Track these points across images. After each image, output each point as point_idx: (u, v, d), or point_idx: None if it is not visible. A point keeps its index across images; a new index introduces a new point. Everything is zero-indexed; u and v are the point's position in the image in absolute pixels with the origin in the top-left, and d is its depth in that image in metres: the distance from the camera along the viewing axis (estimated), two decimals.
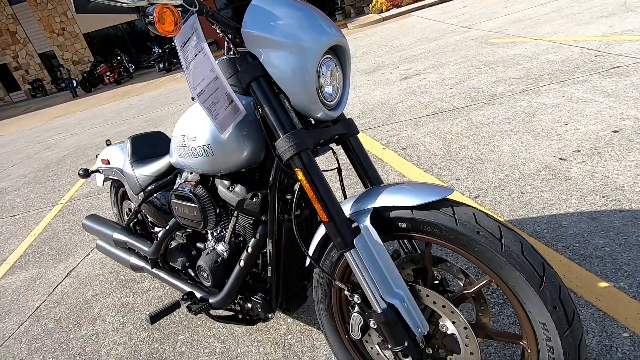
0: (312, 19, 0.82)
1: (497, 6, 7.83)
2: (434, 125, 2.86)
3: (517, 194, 1.80)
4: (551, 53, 3.74)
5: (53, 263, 2.52)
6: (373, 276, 0.80)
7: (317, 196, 0.82)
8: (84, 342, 1.69)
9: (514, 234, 0.73)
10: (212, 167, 1.03)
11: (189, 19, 0.77)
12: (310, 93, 0.83)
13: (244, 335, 1.46)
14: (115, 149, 1.76)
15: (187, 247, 1.41)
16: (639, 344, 1.03)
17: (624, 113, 2.23)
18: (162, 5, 0.70)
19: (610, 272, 1.26)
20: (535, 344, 0.73)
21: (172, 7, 0.71)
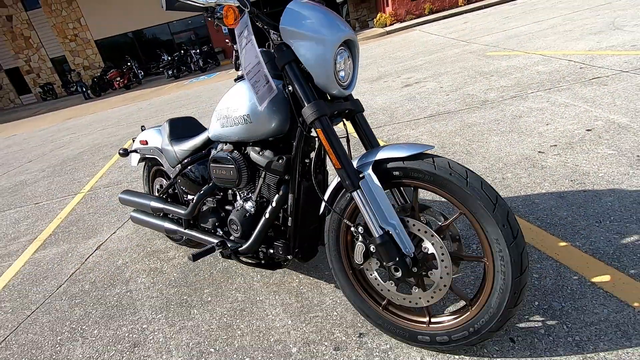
0: (331, 19, 1.11)
1: (496, 23, 8.22)
2: (430, 126, 3.15)
3: (500, 179, 2.07)
4: (541, 65, 4.05)
5: (82, 239, 2.78)
6: (374, 209, 1.07)
7: (332, 149, 1.09)
8: (120, 297, 1.94)
9: (476, 175, 1.00)
10: (249, 134, 1.31)
11: (244, 16, 1.05)
12: (328, 74, 1.11)
13: (262, 287, 1.71)
14: (152, 131, 2.04)
15: (217, 210, 1.68)
16: (584, 282, 1.29)
17: (598, 115, 2.51)
18: (228, 6, 0.99)
19: (569, 235, 1.52)
20: (491, 257, 0.99)
21: (234, 7, 1.00)
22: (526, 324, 1.19)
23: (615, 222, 1.53)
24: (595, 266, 1.34)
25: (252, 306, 1.61)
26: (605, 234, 1.48)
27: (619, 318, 1.14)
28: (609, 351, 1.05)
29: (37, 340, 1.76)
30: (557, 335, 1.13)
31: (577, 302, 1.22)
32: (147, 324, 1.68)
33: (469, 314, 1.07)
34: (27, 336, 1.80)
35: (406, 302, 1.14)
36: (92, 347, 1.62)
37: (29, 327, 1.87)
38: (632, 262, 1.32)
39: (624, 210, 1.58)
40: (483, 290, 1.04)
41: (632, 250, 1.37)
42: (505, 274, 0.97)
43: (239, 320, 1.54)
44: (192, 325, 1.59)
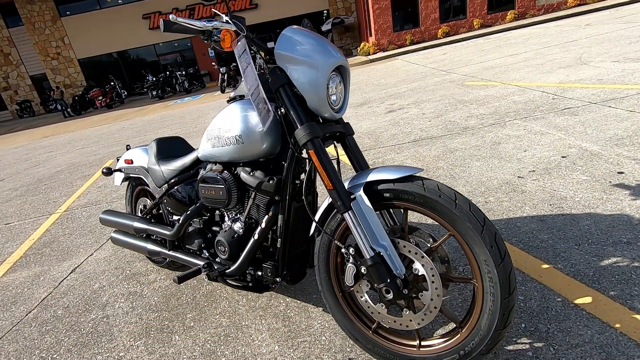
0: (325, 46, 1.16)
1: (473, 55, 8.68)
2: (414, 150, 3.23)
3: (482, 203, 2.13)
4: (517, 95, 4.27)
5: (56, 262, 2.65)
6: (365, 230, 1.08)
7: (325, 170, 1.11)
8: (95, 323, 1.84)
9: (464, 197, 1.03)
10: (240, 154, 1.31)
11: (241, 40, 1.08)
12: (321, 97, 1.14)
13: (248, 312, 1.66)
14: (138, 150, 2.01)
15: (203, 231, 1.64)
16: (567, 304, 1.32)
17: (571, 143, 2.65)
18: (226, 30, 1.02)
19: (551, 257, 1.57)
20: (480, 278, 1.01)
21: (231, 31, 1.03)
22: (514, 347, 1.20)
23: (593, 245, 1.59)
24: (577, 288, 1.38)
25: (237, 331, 1.56)
26: (584, 256, 1.53)
27: (603, 339, 1.16)
28: None
29: None
30: (545, 358, 1.14)
31: (562, 324, 1.24)
32: (124, 351, 1.59)
33: (459, 336, 1.07)
34: None
35: (397, 325, 1.14)
36: None
37: None
38: (611, 284, 1.36)
39: (600, 234, 1.65)
40: (473, 312, 1.05)
41: (610, 272, 1.42)
42: (494, 295, 0.99)
43: (223, 347, 1.49)
44: (173, 353, 1.52)
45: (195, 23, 1.02)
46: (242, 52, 1.08)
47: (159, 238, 1.88)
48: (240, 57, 1.07)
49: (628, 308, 1.25)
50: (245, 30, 1.10)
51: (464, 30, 14.08)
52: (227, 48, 1.03)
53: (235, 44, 1.04)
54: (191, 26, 1.01)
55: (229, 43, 1.03)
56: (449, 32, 14.00)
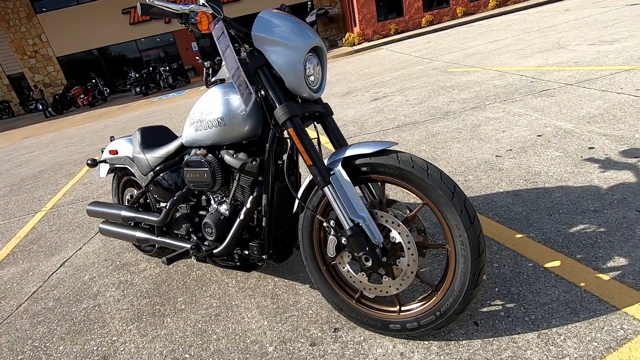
0: (301, 27, 1.19)
1: (456, 43, 8.77)
2: (398, 135, 3.30)
3: (462, 181, 2.20)
4: (497, 80, 4.37)
5: (44, 257, 2.65)
6: (344, 203, 1.13)
7: (304, 147, 1.15)
8: (87, 312, 1.87)
9: (436, 167, 1.09)
10: (223, 137, 1.35)
11: (218, 22, 1.11)
12: (299, 77, 1.18)
13: (237, 292, 1.71)
14: (122, 141, 2.02)
15: (190, 216, 1.68)
16: (538, 268, 1.40)
17: (547, 123, 2.75)
18: (202, 12, 1.05)
19: (524, 228, 1.65)
20: (452, 242, 1.08)
21: (207, 13, 1.06)
22: (488, 309, 1.28)
23: (564, 214, 1.68)
24: (547, 254, 1.46)
25: (228, 311, 1.61)
26: (555, 225, 1.62)
27: (568, 297, 1.25)
28: (561, 326, 1.15)
29: None
30: (516, 316, 1.22)
31: (532, 286, 1.33)
32: (117, 336, 1.63)
33: (435, 298, 1.14)
34: None
35: (377, 292, 1.20)
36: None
37: None
38: (578, 248, 1.45)
39: (570, 204, 1.74)
40: (446, 275, 1.12)
41: (578, 238, 1.51)
42: (465, 257, 1.06)
43: (214, 325, 1.54)
44: (165, 334, 1.56)
45: (172, 6, 1.05)
46: (220, 35, 1.11)
47: (147, 225, 1.90)
48: (219, 39, 1.10)
49: (592, 269, 1.34)
50: (222, 12, 1.13)
51: (447, 18, 14.18)
52: (205, 30, 1.06)
53: (213, 26, 1.07)
54: (168, 9, 1.04)
55: (206, 25, 1.06)
56: (432, 20, 14.08)
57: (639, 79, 3.16)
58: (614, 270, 1.31)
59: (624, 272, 1.29)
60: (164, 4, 1.04)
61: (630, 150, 2.08)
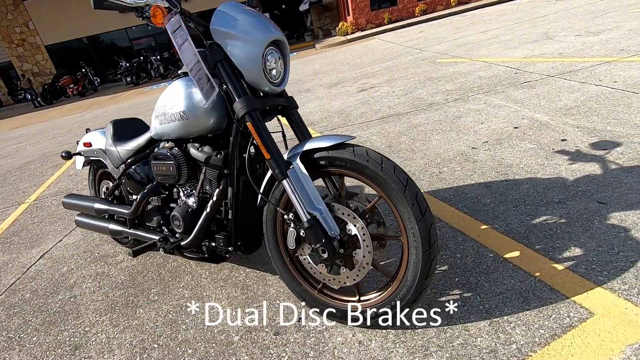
0: (260, 21, 1.19)
1: (448, 33, 8.72)
2: (380, 127, 3.31)
3: (437, 173, 2.23)
4: (482, 71, 4.37)
5: (25, 249, 2.65)
6: (301, 196, 1.15)
7: (262, 141, 1.17)
8: (63, 303, 1.89)
9: (390, 161, 1.11)
10: (187, 130, 1.35)
11: (174, 15, 1.11)
12: (257, 71, 1.19)
13: (209, 283, 1.74)
14: (96, 133, 2.02)
15: (161, 209, 1.69)
16: (497, 259, 1.44)
17: (525, 115, 2.77)
18: (155, 6, 1.05)
19: (490, 219, 1.69)
20: (405, 234, 1.10)
21: (162, 7, 1.06)
22: (446, 297, 1.32)
23: (529, 206, 1.71)
24: (508, 244, 1.50)
25: (198, 301, 1.63)
26: (519, 216, 1.66)
27: (522, 286, 1.29)
28: (512, 314, 1.19)
29: None
30: (471, 305, 1.26)
31: (490, 276, 1.37)
32: (89, 326, 1.65)
33: (391, 288, 1.18)
34: None
35: (336, 282, 1.23)
36: (30, 354, 1.57)
37: None
38: (538, 239, 1.49)
39: (536, 195, 1.77)
40: (401, 265, 1.15)
41: (539, 229, 1.55)
42: (417, 248, 1.08)
43: (184, 316, 1.57)
44: (136, 324, 1.59)
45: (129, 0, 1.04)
46: (177, 28, 1.11)
47: (120, 218, 1.91)
48: (175, 33, 1.10)
49: (549, 259, 1.38)
50: (178, 5, 1.12)
51: (441, 7, 14.06)
52: (159, 24, 1.06)
53: (167, 20, 1.07)
54: (122, 2, 1.04)
55: (161, 19, 1.06)
56: (426, 10, 13.96)
57: (617, 71, 3.19)
58: (568, 261, 1.35)
59: (578, 262, 1.33)
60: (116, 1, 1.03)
61: (600, 143, 2.11)
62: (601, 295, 1.18)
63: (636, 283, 1.19)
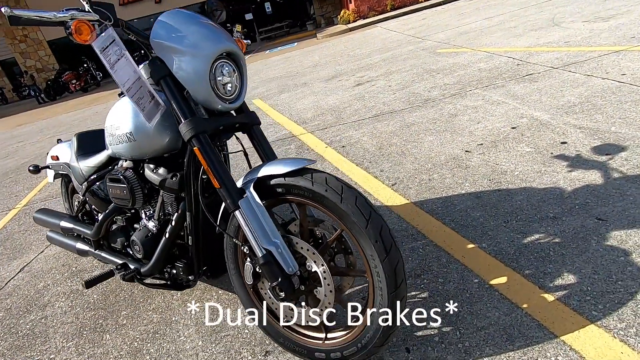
0: (206, 32, 1.06)
1: (451, 19, 8.40)
2: (373, 126, 3.16)
3: (426, 180, 2.09)
4: (483, 62, 4.16)
5: (7, 261, 2.60)
6: (254, 229, 1.03)
7: (211, 168, 1.04)
8: (33, 325, 1.82)
9: (352, 191, 0.98)
10: (137, 152, 1.24)
11: (105, 30, 0.98)
12: (205, 89, 1.06)
13: (179, 306, 1.65)
14: (63, 145, 1.92)
15: (126, 229, 1.59)
16: (482, 285, 1.31)
17: (524, 113, 2.59)
18: (78, 21, 0.92)
19: (478, 236, 1.55)
20: (370, 272, 0.98)
21: (87, 22, 0.93)
22: (423, 332, 1.20)
23: (521, 222, 1.57)
24: (495, 268, 1.37)
25: (166, 327, 1.55)
26: (509, 234, 1.52)
27: (507, 321, 1.16)
28: (493, 356, 1.07)
29: None
30: (449, 342, 1.14)
31: (474, 306, 1.24)
32: (55, 353, 1.58)
33: (357, 329, 1.06)
34: None
35: (298, 319, 1.12)
36: None
37: None
38: (528, 263, 1.36)
39: (530, 209, 1.63)
40: (367, 305, 1.03)
41: (530, 250, 1.41)
42: (382, 289, 0.96)
43: (149, 344, 1.48)
44: (101, 353, 1.51)
45: (44, 14, 0.92)
46: (110, 44, 0.98)
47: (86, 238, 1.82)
48: (105, 50, 0.97)
49: (538, 287, 1.25)
50: (111, 17, 1.00)
51: None
52: (85, 41, 0.94)
53: (94, 37, 0.94)
54: (42, 18, 0.91)
55: (87, 35, 0.93)
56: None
57: (626, 62, 2.97)
58: (560, 290, 1.22)
59: (570, 292, 1.20)
60: (32, 13, 0.91)
61: (603, 146, 1.94)
62: (594, 335, 1.05)
63: (634, 321, 1.06)
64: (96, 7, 0.98)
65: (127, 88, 1.03)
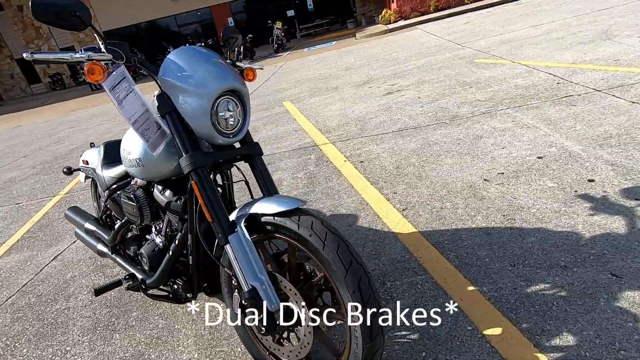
0: (211, 70, 1.11)
1: (496, 25, 8.02)
2: (394, 142, 3.12)
3: (437, 209, 2.04)
4: (521, 78, 3.95)
5: (44, 247, 2.85)
6: (241, 264, 1.07)
7: (205, 202, 1.10)
8: (57, 315, 1.99)
9: (335, 237, 0.99)
10: (147, 175, 1.32)
11: (117, 68, 1.06)
12: (206, 125, 1.11)
13: (183, 315, 1.74)
14: (94, 151, 2.06)
15: (138, 239, 1.70)
16: (475, 334, 1.28)
17: (554, 141, 2.45)
18: (91, 63, 0.99)
19: (480, 278, 1.51)
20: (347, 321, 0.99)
21: (99, 64, 1.01)
22: None
23: (528, 267, 1.50)
24: (492, 316, 1.33)
25: (169, 335, 1.64)
26: (514, 279, 1.46)
27: None
28: None
29: None
30: None
31: (462, 356, 1.21)
32: (71, 346, 1.73)
33: None
34: None
35: (281, 354, 1.15)
36: None
37: None
38: (527, 315, 1.30)
39: (540, 254, 1.55)
40: (344, 350, 1.05)
41: (532, 301, 1.35)
42: (357, 339, 0.97)
43: (151, 350, 1.58)
44: (109, 352, 1.63)
45: (62, 55, 1.00)
46: (120, 81, 1.06)
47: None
48: (115, 88, 1.05)
49: (534, 345, 1.19)
50: (123, 55, 1.07)
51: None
52: (98, 81, 1.01)
53: (106, 76, 1.02)
54: (59, 59, 1.00)
55: (99, 75, 1.00)
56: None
57: None
58: (556, 351, 1.16)
59: (566, 356, 1.14)
60: (52, 56, 0.99)
61: (633, 189, 1.80)
62: None
63: None
64: (110, 47, 1.05)
65: (134, 121, 1.10)
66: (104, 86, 1.03)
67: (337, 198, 2.42)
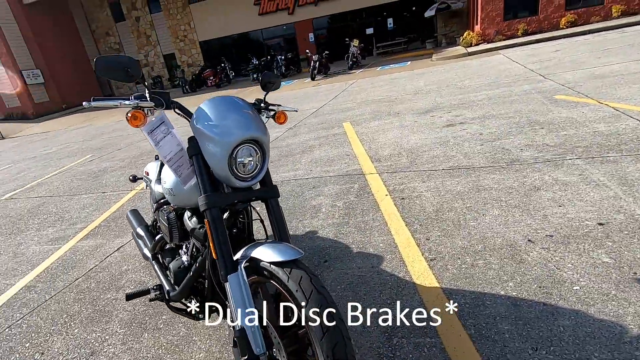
0: (236, 120, 1.22)
1: (589, 55, 7.23)
2: (441, 181, 2.99)
3: (468, 266, 1.92)
4: (604, 123, 3.52)
5: (114, 237, 3.28)
6: (236, 304, 1.15)
7: (213, 240, 1.20)
8: (108, 303, 2.29)
9: (319, 297, 1.02)
10: (177, 203, 1.48)
11: (158, 114, 1.23)
12: (223, 170, 1.22)
13: (202, 327, 1.88)
14: (155, 165, 2.35)
15: (173, 253, 1.89)
16: None
17: (624, 206, 2.14)
18: (135, 111, 1.17)
19: (493, 356, 1.39)
20: None
21: (142, 111, 1.18)
22: None
23: (552, 355, 1.34)
24: None
25: (186, 345, 1.79)
26: None
27: None
28: None
29: (38, 325, 2.18)
30: None
31: None
32: (110, 335, 1.97)
33: None
34: (34, 319, 2.24)
35: None
36: (66, 345, 1.96)
37: (41, 311, 2.32)
38: None
39: (572, 343, 1.38)
40: None
41: None
42: None
43: (169, 357, 1.73)
44: (136, 349, 1.83)
45: (114, 102, 1.20)
46: (159, 125, 1.22)
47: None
48: (154, 131, 1.21)
49: None
50: (164, 102, 1.23)
51: (596, 19, 11.67)
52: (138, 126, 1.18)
53: (146, 122, 1.19)
54: (111, 106, 1.19)
55: (140, 121, 1.18)
56: (575, 21, 11.78)
57: None
58: None
59: None
60: (108, 103, 1.19)
61: None
62: None
63: None
64: (154, 96, 1.23)
65: (168, 159, 1.26)
66: (143, 131, 1.21)
67: (369, 235, 2.41)
